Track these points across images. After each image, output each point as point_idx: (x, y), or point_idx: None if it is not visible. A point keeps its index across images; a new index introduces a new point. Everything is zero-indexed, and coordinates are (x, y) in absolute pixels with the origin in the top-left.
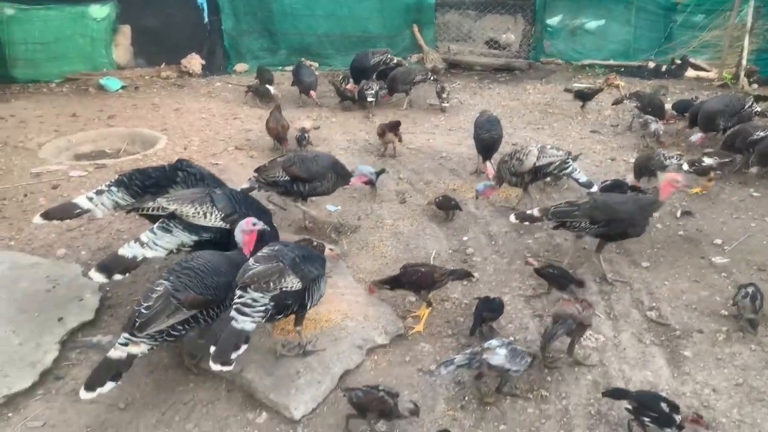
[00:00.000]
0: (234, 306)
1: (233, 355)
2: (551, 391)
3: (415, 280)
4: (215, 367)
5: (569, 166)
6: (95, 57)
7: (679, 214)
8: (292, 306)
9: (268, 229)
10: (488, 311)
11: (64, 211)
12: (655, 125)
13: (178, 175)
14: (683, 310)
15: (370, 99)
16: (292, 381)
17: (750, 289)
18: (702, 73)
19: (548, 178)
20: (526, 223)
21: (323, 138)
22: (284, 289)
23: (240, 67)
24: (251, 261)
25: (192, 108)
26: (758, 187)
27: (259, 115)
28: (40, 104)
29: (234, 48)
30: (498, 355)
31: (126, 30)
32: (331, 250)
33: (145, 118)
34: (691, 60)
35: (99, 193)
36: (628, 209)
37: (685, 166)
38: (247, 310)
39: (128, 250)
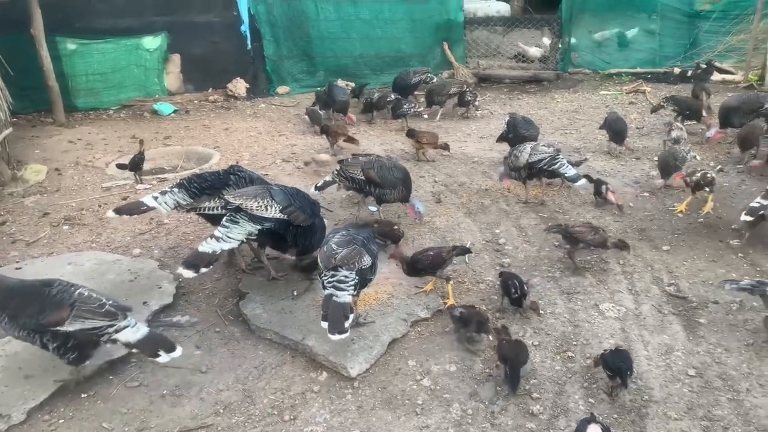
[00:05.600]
0: (330, 284)
1: (346, 324)
2: (576, 351)
3: (428, 264)
4: (334, 337)
5: (558, 162)
6: (149, 85)
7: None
8: (369, 278)
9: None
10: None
11: (133, 208)
12: (677, 132)
13: (231, 178)
14: (700, 286)
15: (411, 112)
16: (348, 347)
17: None
18: (728, 76)
19: (543, 175)
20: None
21: (362, 149)
22: (363, 266)
23: (282, 89)
24: (334, 246)
25: (240, 127)
26: None
27: (302, 131)
28: (102, 129)
29: (275, 72)
30: None
31: (176, 59)
32: None
33: (198, 137)
34: (717, 64)
35: (163, 193)
36: None
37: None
38: (342, 285)
39: (207, 246)
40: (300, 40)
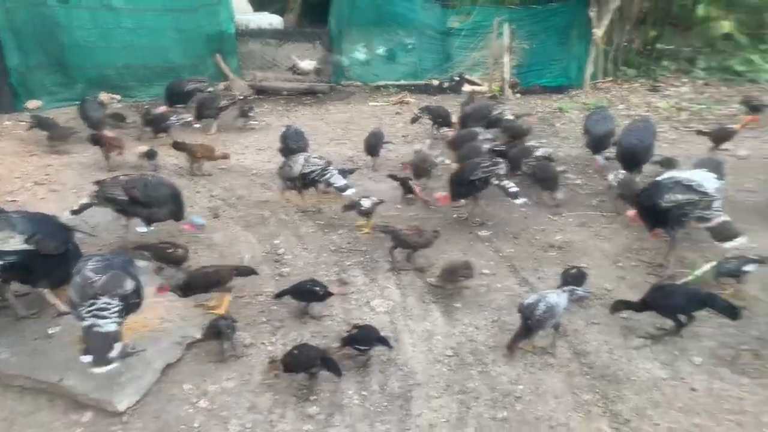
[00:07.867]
0: (91, 314)
1: (112, 354)
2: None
3: (203, 284)
4: (100, 370)
5: (328, 173)
6: None
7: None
8: (134, 303)
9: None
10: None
11: None
12: (418, 146)
13: None
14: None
15: (178, 123)
16: (114, 380)
17: None
18: (477, 87)
19: (316, 185)
20: None
21: (133, 166)
22: (126, 291)
23: (32, 104)
24: (90, 273)
25: None
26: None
27: (58, 149)
28: None
29: (23, 85)
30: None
31: None
32: None
33: None
34: (467, 77)
35: None
36: None
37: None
38: (105, 313)
39: None
40: (51, 49)
